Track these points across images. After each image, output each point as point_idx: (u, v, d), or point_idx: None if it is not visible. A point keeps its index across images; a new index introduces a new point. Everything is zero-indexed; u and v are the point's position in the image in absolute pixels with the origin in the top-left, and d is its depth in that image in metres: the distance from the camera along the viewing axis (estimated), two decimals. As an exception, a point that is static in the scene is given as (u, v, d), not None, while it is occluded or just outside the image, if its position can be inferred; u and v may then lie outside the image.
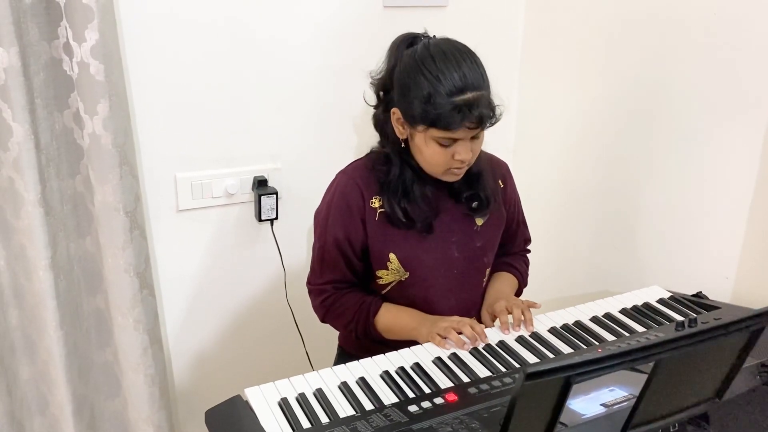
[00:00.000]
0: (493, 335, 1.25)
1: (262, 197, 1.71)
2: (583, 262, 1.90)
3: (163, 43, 1.54)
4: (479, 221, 1.35)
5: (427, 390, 1.08)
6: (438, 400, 1.04)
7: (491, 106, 1.17)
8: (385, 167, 1.29)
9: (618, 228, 1.76)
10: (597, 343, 1.23)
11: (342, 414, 1.02)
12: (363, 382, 1.10)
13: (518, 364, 1.16)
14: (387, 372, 1.13)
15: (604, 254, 1.82)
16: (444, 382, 1.10)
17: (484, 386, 1.08)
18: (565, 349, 1.21)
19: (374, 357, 1.18)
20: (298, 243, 1.84)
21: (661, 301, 1.39)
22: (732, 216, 1.47)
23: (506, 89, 1.33)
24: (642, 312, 1.35)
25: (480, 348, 1.21)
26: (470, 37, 1.22)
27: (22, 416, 1.65)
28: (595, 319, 1.32)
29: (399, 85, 1.20)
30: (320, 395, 1.06)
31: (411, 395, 1.07)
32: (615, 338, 1.25)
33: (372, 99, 1.30)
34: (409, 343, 1.23)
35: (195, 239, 1.72)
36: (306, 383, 1.10)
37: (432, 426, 0.97)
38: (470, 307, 1.40)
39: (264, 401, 1.05)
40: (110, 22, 1.38)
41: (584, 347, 1.22)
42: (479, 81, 1.16)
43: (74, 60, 1.38)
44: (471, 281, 1.38)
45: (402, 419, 0.99)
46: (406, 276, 1.32)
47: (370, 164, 1.31)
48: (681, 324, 1.18)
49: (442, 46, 1.18)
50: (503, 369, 1.14)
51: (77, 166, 1.52)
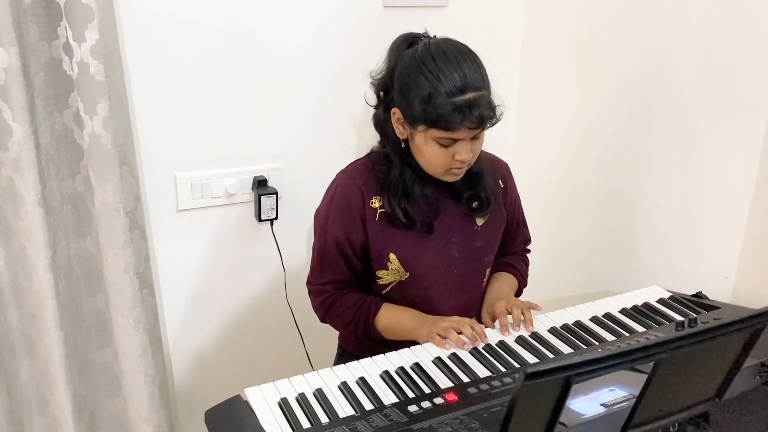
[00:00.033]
0: (493, 335, 1.25)
1: (262, 197, 1.71)
2: (583, 262, 1.89)
3: (163, 43, 1.54)
4: (479, 221, 1.35)
5: (427, 390, 1.08)
6: (438, 400, 1.04)
7: (491, 107, 1.17)
8: (386, 167, 1.29)
9: (618, 228, 1.76)
10: (597, 343, 1.23)
11: (342, 414, 1.02)
12: (363, 382, 1.10)
13: (518, 364, 1.16)
14: (387, 372, 1.13)
15: (604, 254, 1.82)
16: (444, 382, 1.10)
17: (484, 386, 1.08)
18: (565, 349, 1.21)
19: (374, 357, 1.18)
20: (298, 243, 1.84)
21: (661, 301, 1.39)
22: (732, 216, 1.47)
23: (506, 89, 1.33)
24: (642, 312, 1.35)
25: (480, 348, 1.21)
26: (470, 37, 1.22)
27: (22, 416, 1.65)
28: (595, 319, 1.32)
29: (399, 85, 1.20)
30: (320, 395, 1.06)
31: (411, 395, 1.06)
32: (615, 338, 1.25)
33: (372, 99, 1.30)
34: (409, 343, 1.23)
35: (195, 239, 1.72)
36: (306, 383, 1.10)
37: (432, 426, 0.97)
38: (470, 308, 1.40)
39: (264, 401, 1.05)
40: (110, 22, 1.38)
41: (584, 347, 1.22)
42: (480, 81, 1.16)
43: (74, 60, 1.38)
44: (471, 281, 1.38)
45: (402, 419, 0.99)
46: (406, 276, 1.32)
47: (371, 164, 1.31)
48: (681, 324, 1.18)
49: (443, 46, 1.17)
50: (503, 369, 1.14)
51: (77, 166, 1.52)
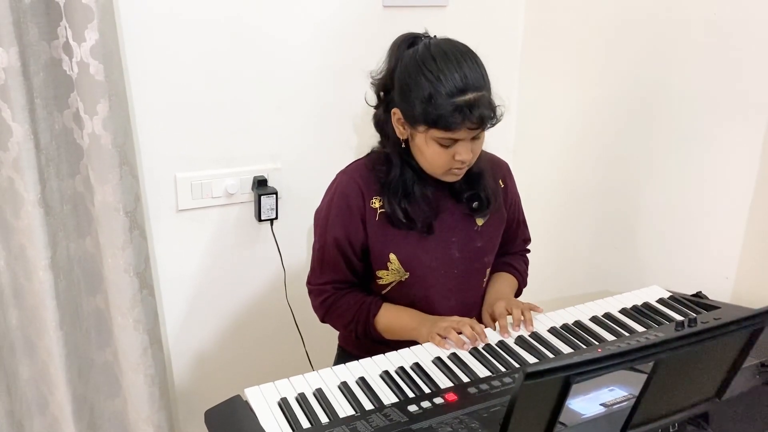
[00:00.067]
0: (493, 335, 1.25)
1: (262, 197, 1.71)
2: (583, 262, 1.89)
3: (163, 43, 1.54)
4: (480, 221, 1.35)
5: (427, 390, 1.08)
6: (438, 400, 1.04)
7: (492, 107, 1.17)
8: (386, 167, 1.29)
9: (618, 228, 1.76)
10: (597, 343, 1.23)
11: (342, 414, 1.02)
12: (363, 382, 1.10)
13: (518, 364, 1.16)
14: (387, 372, 1.13)
15: (604, 254, 1.82)
16: (444, 382, 1.10)
17: (484, 386, 1.08)
18: (565, 349, 1.21)
19: (374, 357, 1.18)
20: (298, 243, 1.84)
21: (661, 301, 1.39)
22: (732, 216, 1.47)
23: (506, 89, 1.32)
24: (642, 312, 1.35)
25: (480, 348, 1.21)
26: (470, 37, 1.22)
27: (22, 416, 1.65)
28: (595, 319, 1.32)
29: (399, 86, 1.20)
30: (320, 395, 1.06)
31: (411, 395, 1.06)
32: (615, 338, 1.25)
33: (372, 99, 1.30)
34: (409, 343, 1.23)
35: (195, 239, 1.72)
36: (306, 383, 1.10)
37: (432, 426, 0.97)
38: (470, 308, 1.40)
39: (264, 401, 1.05)
40: (110, 22, 1.38)
41: (584, 347, 1.22)
42: (480, 81, 1.16)
43: (74, 60, 1.38)
44: (471, 281, 1.38)
45: (402, 419, 0.99)
46: (407, 276, 1.32)
47: (371, 164, 1.31)
48: (681, 324, 1.18)
49: (443, 47, 1.17)
50: (503, 369, 1.14)
51: (77, 166, 1.52)
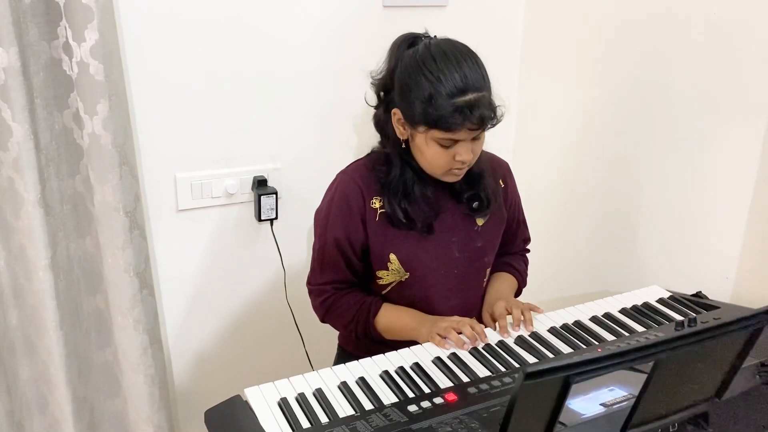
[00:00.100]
0: (493, 335, 1.25)
1: (262, 197, 1.71)
2: (583, 262, 1.89)
3: (163, 43, 1.54)
4: (480, 221, 1.35)
5: (427, 390, 1.08)
6: (438, 400, 1.04)
7: (492, 107, 1.16)
8: (386, 167, 1.28)
9: (618, 228, 1.76)
10: (597, 343, 1.23)
11: (341, 414, 1.02)
12: (362, 382, 1.10)
13: (518, 364, 1.16)
14: (387, 372, 1.13)
15: (604, 254, 1.82)
16: (444, 382, 1.10)
17: (484, 386, 1.08)
18: (565, 349, 1.21)
19: (374, 357, 1.18)
20: (298, 243, 1.84)
21: (661, 301, 1.39)
22: (732, 216, 1.46)
23: (506, 89, 1.33)
24: (642, 312, 1.35)
25: (480, 348, 1.21)
26: (470, 37, 1.22)
27: (22, 416, 1.65)
28: (595, 319, 1.32)
29: (400, 86, 1.20)
30: (320, 395, 1.06)
31: (411, 395, 1.06)
32: (615, 338, 1.25)
33: (372, 99, 1.30)
34: (409, 343, 1.23)
35: (195, 239, 1.72)
36: (305, 383, 1.10)
37: (431, 426, 0.97)
38: (471, 307, 1.40)
39: (263, 401, 1.05)
40: (110, 22, 1.38)
41: (584, 347, 1.22)
42: (480, 82, 1.15)
43: (74, 60, 1.38)
44: (471, 281, 1.38)
45: (401, 419, 0.99)
46: (407, 276, 1.32)
47: (371, 164, 1.31)
48: (680, 324, 1.18)
49: (443, 47, 1.17)
50: (503, 369, 1.14)
51: (77, 166, 1.52)
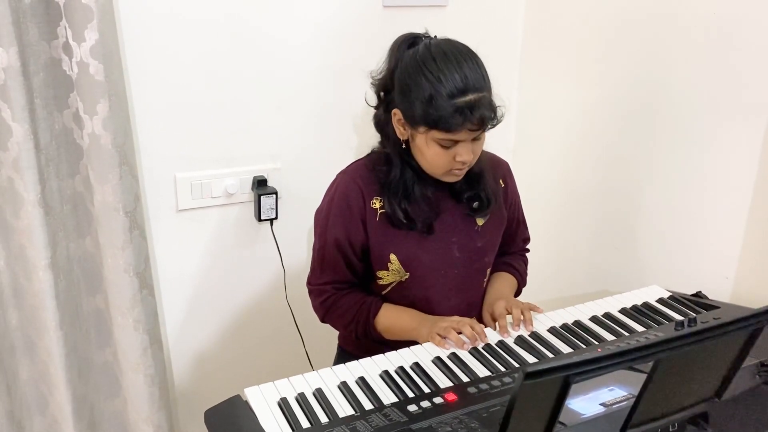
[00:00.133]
0: (493, 335, 1.26)
1: (262, 197, 1.71)
2: (583, 262, 1.89)
3: (163, 43, 1.54)
4: (480, 221, 1.35)
5: (427, 390, 1.08)
6: (437, 400, 1.04)
7: (492, 108, 1.16)
8: (386, 168, 1.28)
9: (618, 228, 1.76)
10: (596, 343, 1.23)
11: (341, 414, 1.02)
12: (362, 382, 1.10)
13: (518, 364, 1.16)
14: (386, 372, 1.13)
15: (604, 254, 1.82)
16: (443, 382, 1.10)
17: (484, 386, 1.08)
18: (565, 349, 1.21)
19: (374, 357, 1.18)
20: (298, 243, 1.84)
21: (661, 301, 1.39)
22: (732, 216, 1.46)
23: (506, 89, 1.33)
24: (642, 312, 1.35)
25: (480, 348, 1.21)
26: (470, 37, 1.22)
27: (22, 416, 1.65)
28: (595, 319, 1.32)
29: (400, 86, 1.20)
30: (320, 395, 1.06)
31: (410, 395, 1.06)
32: (615, 338, 1.25)
33: (372, 99, 1.30)
34: (409, 343, 1.23)
35: (195, 239, 1.72)
36: (305, 383, 1.10)
37: (431, 426, 0.97)
38: (471, 308, 1.40)
39: (263, 401, 1.05)
40: (110, 22, 1.38)
41: (584, 347, 1.22)
42: (480, 82, 1.15)
43: (74, 60, 1.38)
44: (471, 281, 1.38)
45: (401, 419, 0.99)
46: (407, 276, 1.32)
47: (371, 165, 1.31)
48: (680, 323, 1.18)
49: (443, 47, 1.17)
50: (503, 369, 1.14)
51: (77, 166, 1.52)
